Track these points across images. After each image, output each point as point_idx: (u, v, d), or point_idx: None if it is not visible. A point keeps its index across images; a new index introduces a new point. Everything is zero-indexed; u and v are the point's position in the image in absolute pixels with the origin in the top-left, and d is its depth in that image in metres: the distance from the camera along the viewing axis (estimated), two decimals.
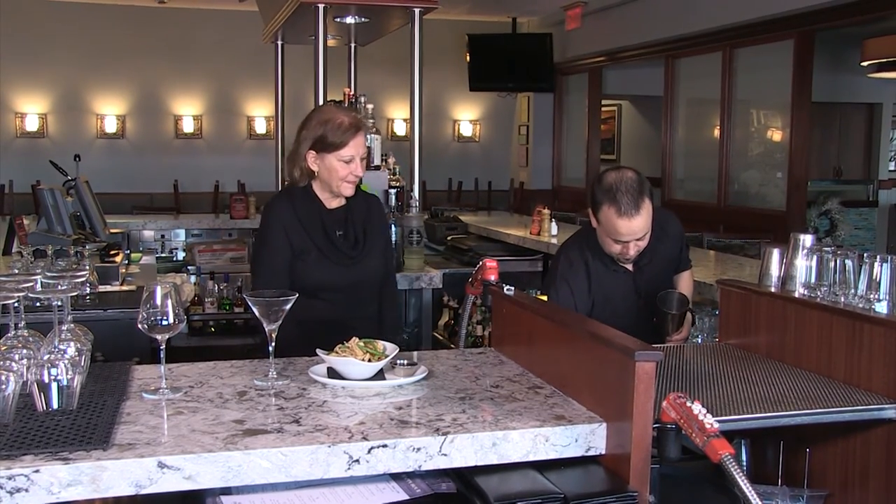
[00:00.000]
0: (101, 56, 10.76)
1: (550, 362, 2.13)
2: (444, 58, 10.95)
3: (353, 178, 2.96)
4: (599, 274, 2.96)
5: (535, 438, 1.76)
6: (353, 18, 4.81)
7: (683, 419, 1.63)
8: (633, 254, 2.90)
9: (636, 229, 2.82)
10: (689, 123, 9.45)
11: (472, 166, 12.08)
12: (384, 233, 3.11)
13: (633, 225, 2.81)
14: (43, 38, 10.55)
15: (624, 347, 1.75)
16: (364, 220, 3.02)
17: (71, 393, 1.79)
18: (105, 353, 2.66)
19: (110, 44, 10.73)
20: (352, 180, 2.95)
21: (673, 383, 2.09)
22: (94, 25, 10.69)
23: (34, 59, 10.60)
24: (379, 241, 3.03)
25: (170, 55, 10.92)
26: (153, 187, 10.68)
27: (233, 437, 1.68)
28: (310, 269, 2.87)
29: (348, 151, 2.89)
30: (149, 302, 1.99)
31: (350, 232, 2.97)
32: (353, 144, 2.91)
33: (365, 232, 2.99)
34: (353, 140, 2.90)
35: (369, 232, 3.00)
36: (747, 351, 2.47)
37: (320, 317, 2.81)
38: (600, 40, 10.29)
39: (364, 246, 2.96)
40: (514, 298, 2.39)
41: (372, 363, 2.08)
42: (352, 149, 2.90)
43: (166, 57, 10.92)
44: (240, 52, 10.56)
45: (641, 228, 2.83)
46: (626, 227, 2.80)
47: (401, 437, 1.69)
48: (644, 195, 2.84)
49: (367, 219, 3.03)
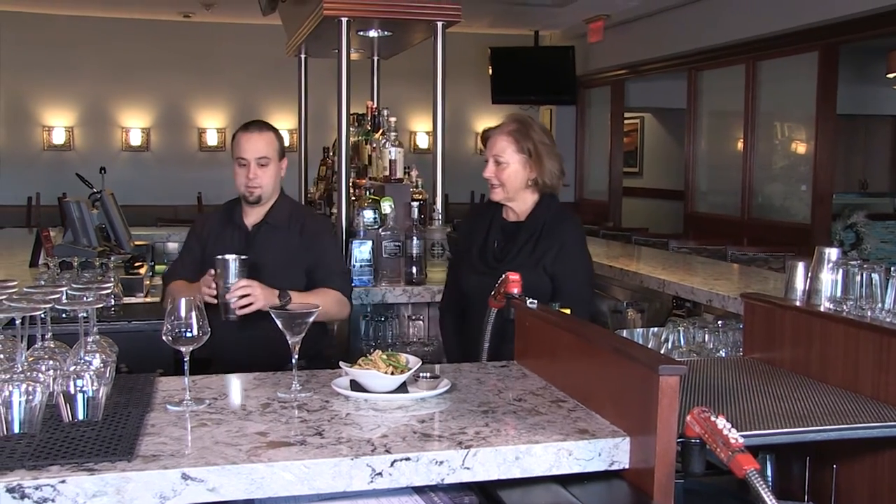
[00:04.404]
0: (127, 70, 10.88)
1: (573, 376, 2.12)
2: (467, 71, 10.98)
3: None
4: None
5: (558, 452, 1.75)
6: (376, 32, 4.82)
7: (708, 434, 1.62)
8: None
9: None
10: (712, 136, 9.41)
11: None
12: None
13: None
14: (69, 53, 10.68)
15: (648, 361, 1.74)
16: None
17: (96, 404, 1.81)
18: (129, 365, 2.67)
19: (135, 58, 10.85)
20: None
21: (697, 397, 2.08)
22: (120, 40, 10.81)
23: (61, 73, 10.74)
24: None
25: (194, 69, 11.03)
26: (177, 200, 10.77)
27: (256, 450, 1.68)
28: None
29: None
30: (173, 314, 2.00)
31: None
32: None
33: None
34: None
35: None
36: (772, 365, 2.44)
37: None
38: (623, 53, 10.28)
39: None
40: (537, 312, 2.39)
41: (395, 376, 2.08)
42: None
43: (190, 70, 11.02)
44: (263, 66, 10.64)
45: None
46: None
47: (423, 451, 1.69)
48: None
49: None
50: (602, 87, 11.21)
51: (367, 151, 4.70)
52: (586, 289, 3.12)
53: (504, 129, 3.06)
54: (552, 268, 2.99)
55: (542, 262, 2.99)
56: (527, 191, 3.08)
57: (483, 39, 11.25)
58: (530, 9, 10.13)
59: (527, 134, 3.04)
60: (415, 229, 3.99)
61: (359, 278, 3.89)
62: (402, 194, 4.19)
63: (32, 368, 1.82)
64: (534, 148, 3.03)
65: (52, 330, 2.01)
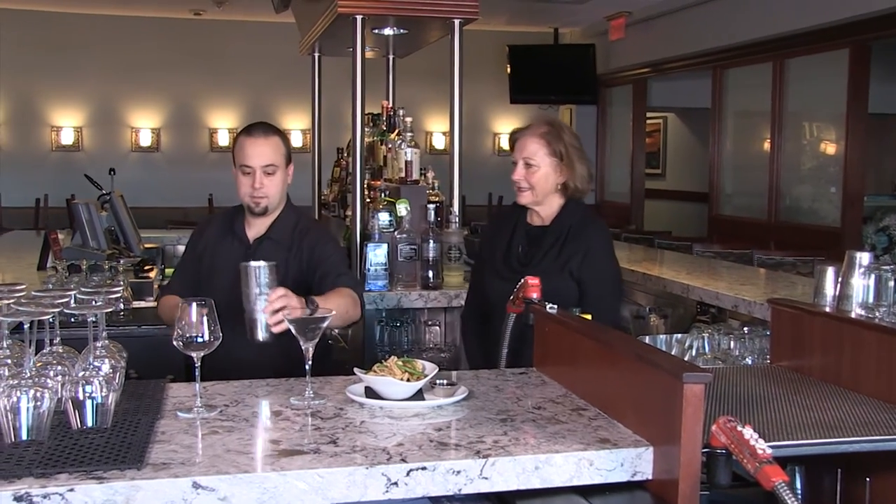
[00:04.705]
0: (136, 69, 10.94)
1: (594, 383, 2.12)
2: (485, 70, 10.98)
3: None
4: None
5: (578, 462, 1.75)
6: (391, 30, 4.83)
7: (734, 444, 1.61)
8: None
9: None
10: (737, 136, 9.37)
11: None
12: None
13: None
14: (78, 51, 10.76)
15: (672, 368, 1.73)
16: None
17: (105, 411, 1.82)
18: (139, 371, 2.68)
19: (145, 56, 10.92)
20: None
21: (722, 406, 2.06)
22: (129, 38, 10.88)
23: (69, 72, 10.82)
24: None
25: (205, 68, 11.08)
26: (188, 201, 10.82)
27: (269, 458, 1.69)
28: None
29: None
30: (184, 318, 2.01)
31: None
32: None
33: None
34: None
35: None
36: (800, 373, 2.43)
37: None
38: (645, 51, 10.26)
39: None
40: (557, 317, 2.38)
41: (411, 383, 2.08)
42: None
43: (201, 69, 11.08)
44: (275, 65, 10.68)
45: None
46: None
47: (440, 460, 1.69)
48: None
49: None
50: (624, 86, 11.18)
51: (383, 152, 4.71)
52: (613, 295, 3.11)
53: (535, 131, 3.05)
54: (579, 273, 2.99)
55: (568, 267, 2.99)
56: (555, 195, 3.08)
57: (501, 37, 11.25)
58: (550, 5, 10.13)
59: (559, 136, 3.04)
60: (431, 232, 3.99)
61: (374, 282, 3.89)
62: (418, 196, 4.19)
63: (40, 374, 1.83)
64: (565, 151, 3.03)
65: (61, 334, 2.02)
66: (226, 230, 3.08)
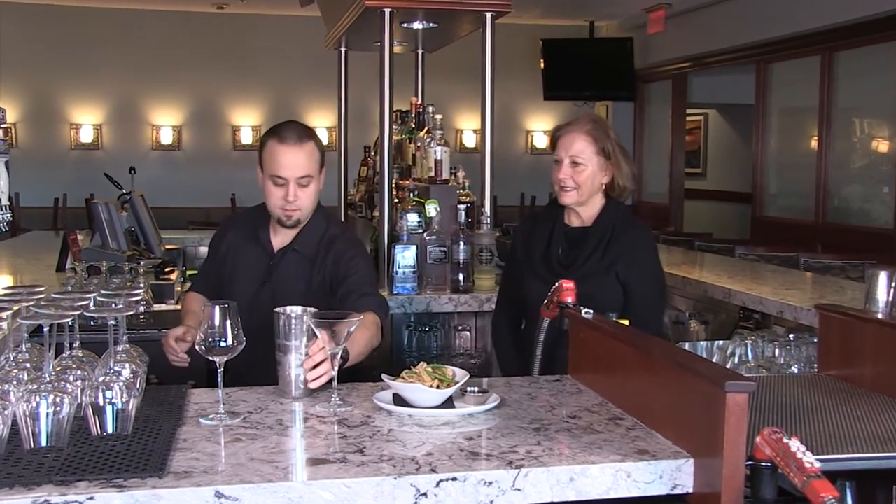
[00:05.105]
0: (157, 65, 11.05)
1: (632, 392, 2.11)
2: (517, 65, 10.97)
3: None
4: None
5: (615, 474, 1.74)
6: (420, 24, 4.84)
7: (780, 457, 1.59)
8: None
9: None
10: (783, 134, 9.30)
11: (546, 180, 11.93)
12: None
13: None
14: (98, 47, 10.88)
15: (714, 377, 1.72)
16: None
17: (126, 417, 1.83)
18: (159, 376, 2.71)
19: (167, 52, 11.02)
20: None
21: (767, 417, 2.05)
22: (151, 33, 10.99)
23: (89, 68, 10.94)
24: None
25: (228, 63, 11.17)
26: (210, 201, 10.90)
27: (293, 467, 1.70)
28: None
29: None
30: (206, 322, 2.02)
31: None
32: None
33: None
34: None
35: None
36: (850, 383, 2.40)
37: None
38: (685, 44, 10.20)
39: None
40: (593, 322, 2.38)
41: (441, 390, 2.08)
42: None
43: (224, 65, 11.16)
44: (301, 60, 10.75)
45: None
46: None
47: (471, 470, 1.69)
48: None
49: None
50: (663, 81, 11.13)
51: (411, 151, 4.71)
52: (658, 301, 3.10)
53: (582, 128, 3.02)
54: (625, 275, 2.98)
55: (614, 269, 2.97)
56: (598, 195, 3.07)
57: (534, 31, 11.24)
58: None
59: (606, 133, 3.02)
60: (462, 234, 3.99)
61: (402, 286, 3.90)
62: (448, 196, 4.19)
63: (60, 379, 1.85)
64: (612, 149, 3.02)
65: (80, 338, 2.04)
66: (249, 235, 3.00)
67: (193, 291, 3.13)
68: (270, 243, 2.97)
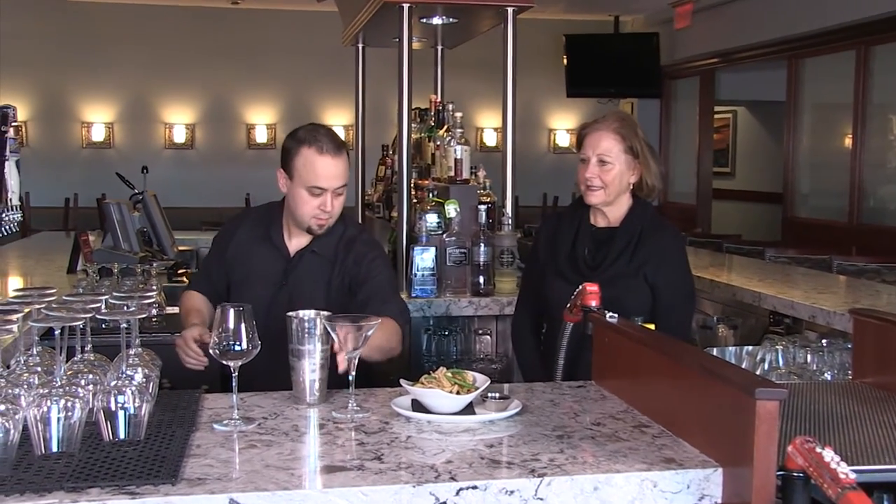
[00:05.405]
0: (170, 61, 11.11)
1: (658, 398, 2.10)
2: (539, 61, 10.97)
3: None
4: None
5: (641, 483, 1.74)
6: (440, 19, 4.84)
7: (813, 467, 1.58)
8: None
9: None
10: (815, 131, 9.25)
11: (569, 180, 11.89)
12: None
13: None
14: (109, 44, 10.95)
15: (743, 383, 1.71)
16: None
17: (138, 422, 1.84)
18: (172, 381, 2.72)
19: (180, 48, 11.08)
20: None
21: (799, 425, 2.04)
22: (163, 29, 11.05)
23: (100, 65, 11.01)
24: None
25: (242, 60, 11.21)
26: (223, 201, 10.93)
27: (310, 474, 1.70)
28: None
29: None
30: (221, 325, 2.03)
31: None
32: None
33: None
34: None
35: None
36: (887, 391, 2.38)
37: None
38: (713, 40, 10.16)
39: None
40: (618, 327, 2.37)
41: (461, 396, 2.08)
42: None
43: (238, 62, 11.21)
44: (317, 56, 10.77)
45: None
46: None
47: (492, 479, 1.69)
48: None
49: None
50: (690, 77, 11.10)
51: (431, 150, 4.72)
52: (686, 306, 3.09)
53: (609, 126, 3.01)
54: (653, 278, 2.97)
55: (643, 271, 2.96)
56: (625, 195, 3.06)
57: (557, 26, 11.23)
58: None
59: (634, 131, 3.01)
60: (482, 235, 3.99)
61: (421, 288, 3.91)
62: (468, 196, 4.19)
63: (71, 383, 1.86)
64: (640, 147, 3.01)
65: (92, 341, 2.05)
66: (261, 236, 3.00)
67: (193, 290, 3.09)
68: (285, 245, 2.98)
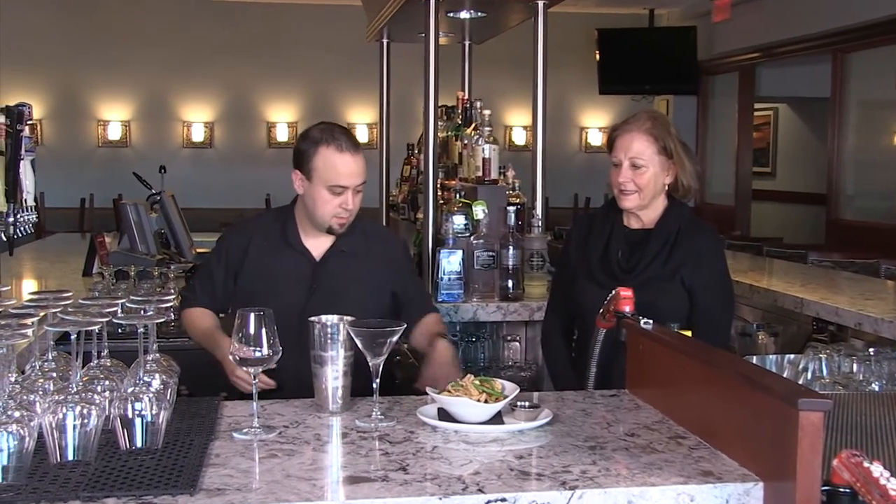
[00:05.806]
0: (188, 58, 11.17)
1: (695, 408, 2.09)
2: (571, 57, 10.94)
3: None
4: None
5: (677, 497, 1.73)
6: (468, 13, 4.85)
7: (860, 482, 1.57)
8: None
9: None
10: (861, 129, 9.17)
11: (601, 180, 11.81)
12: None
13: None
14: (126, 40, 11.02)
15: (785, 394, 1.70)
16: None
17: (156, 430, 1.86)
18: (191, 387, 2.73)
19: (198, 44, 11.14)
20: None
21: (845, 438, 2.02)
22: (181, 25, 11.12)
23: (117, 62, 11.09)
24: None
25: (262, 56, 11.25)
26: (243, 202, 10.96)
27: (332, 485, 1.71)
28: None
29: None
30: (241, 330, 2.04)
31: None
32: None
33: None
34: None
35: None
36: None
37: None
38: (753, 34, 10.11)
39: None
40: (653, 334, 2.36)
41: (489, 404, 2.08)
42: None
43: (259, 58, 11.25)
44: (340, 52, 10.80)
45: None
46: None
47: (522, 491, 1.69)
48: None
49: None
50: (728, 73, 11.04)
51: (458, 149, 4.72)
52: (725, 311, 3.07)
53: (641, 127, 2.98)
54: (690, 281, 2.95)
55: (679, 274, 2.94)
56: (660, 196, 3.05)
57: (590, 20, 11.20)
58: None
59: (667, 130, 2.99)
60: (511, 237, 3.99)
61: (447, 293, 3.90)
62: (496, 197, 4.19)
63: (87, 389, 1.88)
64: (674, 146, 2.99)
65: (108, 347, 2.07)
66: (279, 242, 3.02)
67: (198, 307, 3.04)
68: (305, 247, 3.01)
